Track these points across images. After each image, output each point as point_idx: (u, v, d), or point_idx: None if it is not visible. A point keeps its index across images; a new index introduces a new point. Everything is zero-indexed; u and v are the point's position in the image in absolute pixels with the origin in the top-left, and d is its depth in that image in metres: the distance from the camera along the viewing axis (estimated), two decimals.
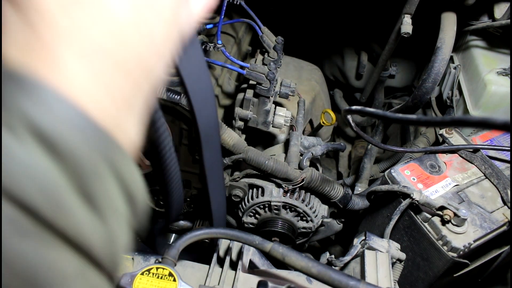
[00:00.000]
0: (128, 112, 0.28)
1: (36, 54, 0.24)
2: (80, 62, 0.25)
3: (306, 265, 0.73)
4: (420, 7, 1.25)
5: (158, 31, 0.29)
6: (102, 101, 0.26)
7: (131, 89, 0.27)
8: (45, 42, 0.24)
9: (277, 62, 1.10)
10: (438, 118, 0.56)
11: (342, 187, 1.14)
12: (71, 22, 0.24)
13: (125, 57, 0.27)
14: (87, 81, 0.25)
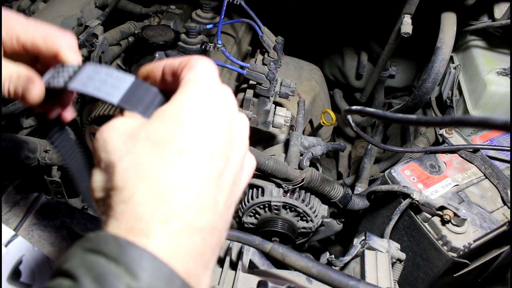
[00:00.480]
0: (206, 270, 0.36)
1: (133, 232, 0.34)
2: (173, 241, 0.34)
3: (306, 265, 0.73)
4: (420, 7, 1.25)
5: (224, 204, 0.38)
6: (190, 267, 0.34)
7: (209, 253, 0.36)
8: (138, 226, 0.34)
9: (277, 62, 1.10)
10: (438, 118, 0.55)
11: (342, 187, 1.14)
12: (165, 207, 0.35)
13: (209, 229, 0.36)
14: (179, 254, 0.34)
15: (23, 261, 0.69)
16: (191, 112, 0.38)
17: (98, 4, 1.35)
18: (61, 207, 0.90)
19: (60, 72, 0.54)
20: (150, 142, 0.37)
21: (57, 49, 0.52)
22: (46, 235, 0.85)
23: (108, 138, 0.39)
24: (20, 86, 0.51)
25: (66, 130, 0.67)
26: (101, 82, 0.49)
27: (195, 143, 0.37)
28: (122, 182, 0.36)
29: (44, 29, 0.52)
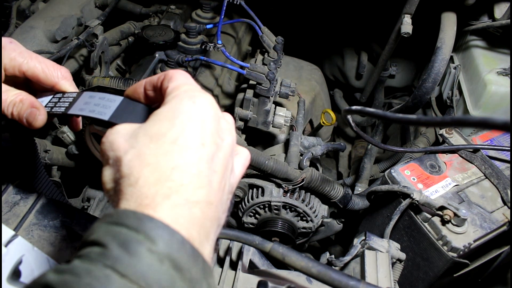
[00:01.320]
0: (207, 240, 0.43)
1: (140, 207, 0.41)
2: (175, 212, 0.41)
3: (306, 265, 0.73)
4: (420, 7, 1.25)
5: (218, 185, 0.45)
6: (193, 233, 0.41)
7: (208, 224, 0.43)
8: (145, 202, 0.41)
9: (277, 62, 1.10)
10: (438, 118, 0.55)
11: (342, 187, 1.14)
12: (168, 187, 0.42)
13: (205, 203, 0.43)
14: (181, 222, 0.41)
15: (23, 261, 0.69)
16: (181, 110, 0.46)
17: (98, 4, 1.35)
18: (61, 207, 0.90)
19: (61, 99, 0.64)
20: (148, 137, 0.44)
21: (55, 80, 0.64)
22: (46, 235, 0.85)
23: (113, 139, 0.47)
24: (24, 112, 0.61)
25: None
26: (95, 105, 0.58)
27: (186, 133, 0.44)
28: (129, 170, 0.43)
29: (43, 61, 0.63)
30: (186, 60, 1.14)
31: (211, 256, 0.44)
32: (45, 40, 1.16)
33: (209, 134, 0.46)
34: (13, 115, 0.61)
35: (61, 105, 0.63)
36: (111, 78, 1.02)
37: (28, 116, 0.61)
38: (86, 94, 0.62)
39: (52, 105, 0.65)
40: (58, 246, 0.83)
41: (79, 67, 1.22)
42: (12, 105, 0.61)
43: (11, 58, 0.62)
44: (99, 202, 1.32)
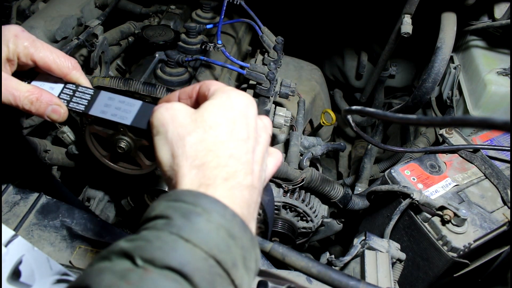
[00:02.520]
0: (251, 219, 0.49)
1: (203, 186, 0.47)
2: (231, 193, 0.48)
3: (306, 265, 0.73)
4: (420, 7, 1.25)
5: (258, 173, 0.52)
6: (243, 211, 0.48)
7: (253, 206, 0.50)
8: (207, 182, 0.47)
9: (277, 62, 1.10)
10: (438, 118, 0.56)
11: (342, 187, 1.14)
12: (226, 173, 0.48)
13: (251, 187, 0.50)
14: (236, 202, 0.47)
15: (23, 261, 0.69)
16: (231, 105, 0.52)
17: (98, 4, 1.35)
18: (61, 207, 0.90)
19: (76, 93, 0.67)
20: (208, 124, 0.50)
21: (66, 71, 0.66)
22: (46, 235, 0.85)
23: (175, 115, 0.52)
24: (44, 109, 0.64)
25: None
26: (116, 109, 0.63)
27: (237, 127, 0.51)
28: (194, 153, 0.49)
29: (54, 51, 0.65)
30: (186, 60, 1.14)
31: (255, 233, 0.50)
32: (45, 40, 1.16)
33: (252, 129, 0.53)
34: (29, 111, 0.63)
35: (79, 101, 0.67)
36: (111, 78, 1.02)
37: (51, 114, 0.64)
38: (105, 94, 0.65)
39: (67, 98, 0.67)
40: (58, 246, 0.84)
41: None
42: (29, 103, 0.63)
43: (25, 47, 0.63)
44: (99, 202, 1.32)
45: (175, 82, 1.15)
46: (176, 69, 1.16)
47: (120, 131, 1.03)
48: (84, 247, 0.84)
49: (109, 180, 1.28)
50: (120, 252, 0.42)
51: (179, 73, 1.16)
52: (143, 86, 0.99)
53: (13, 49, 0.63)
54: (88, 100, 0.66)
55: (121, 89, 1.00)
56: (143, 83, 1.00)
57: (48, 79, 0.69)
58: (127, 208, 1.30)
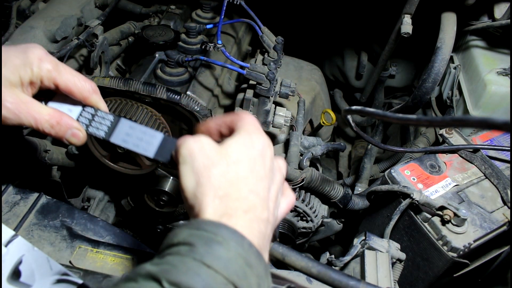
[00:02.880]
0: (265, 250, 0.53)
1: (225, 216, 0.51)
2: (250, 224, 0.52)
3: (306, 265, 0.73)
4: (420, 7, 1.25)
5: (273, 210, 0.57)
6: (259, 242, 0.52)
7: (267, 238, 0.54)
8: (230, 212, 0.52)
9: (277, 62, 1.10)
10: (438, 118, 0.56)
11: (342, 187, 1.14)
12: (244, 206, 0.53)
13: (266, 221, 0.54)
14: (254, 233, 0.52)
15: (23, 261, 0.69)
16: (251, 145, 0.57)
17: (98, 4, 1.35)
18: (61, 207, 0.90)
19: (95, 118, 0.68)
20: (232, 160, 0.55)
21: (87, 94, 0.67)
22: (46, 235, 0.85)
23: (203, 147, 0.56)
24: (63, 133, 0.66)
25: None
26: (138, 139, 0.65)
27: (256, 165, 0.56)
28: (218, 184, 0.53)
29: (76, 75, 0.67)
30: (186, 60, 1.14)
31: (267, 261, 0.54)
32: (45, 40, 1.16)
33: (268, 169, 0.57)
34: (49, 134, 0.66)
35: (99, 127, 0.68)
36: (111, 78, 1.02)
37: (70, 138, 0.66)
38: (125, 122, 0.67)
39: (86, 122, 0.69)
40: (58, 246, 0.84)
41: (79, 67, 1.22)
42: (49, 126, 0.65)
43: (48, 70, 0.64)
44: (99, 202, 1.32)
45: (175, 82, 1.15)
46: (176, 69, 1.16)
47: None
48: (84, 247, 0.84)
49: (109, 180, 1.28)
50: (147, 275, 0.45)
51: (179, 73, 1.16)
52: (143, 86, 0.99)
53: (37, 72, 0.64)
54: (108, 127, 0.68)
55: (121, 89, 1.00)
56: (143, 83, 1.00)
57: (65, 101, 0.70)
58: (127, 208, 1.30)
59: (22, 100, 0.63)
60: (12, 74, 0.62)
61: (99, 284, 0.75)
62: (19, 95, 0.63)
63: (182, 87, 1.15)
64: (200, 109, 1.01)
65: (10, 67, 0.62)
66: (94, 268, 0.79)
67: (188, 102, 1.00)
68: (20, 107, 0.62)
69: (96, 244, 0.85)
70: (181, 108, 1.01)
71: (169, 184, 1.17)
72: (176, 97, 0.99)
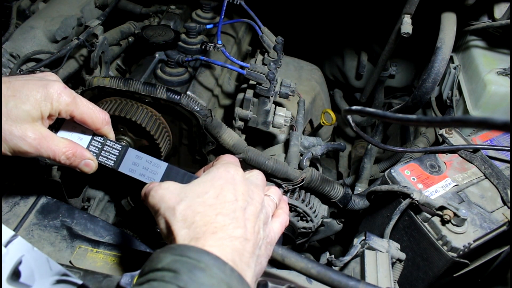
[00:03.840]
0: (248, 268, 0.55)
1: (193, 240, 0.55)
2: (220, 243, 0.55)
3: (305, 266, 0.73)
4: (420, 7, 1.25)
5: (252, 229, 0.59)
6: (235, 258, 0.54)
7: (247, 255, 0.56)
8: (197, 236, 0.55)
9: (277, 62, 1.10)
10: (438, 118, 0.55)
11: (342, 187, 1.14)
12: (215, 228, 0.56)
13: (242, 239, 0.56)
14: (226, 251, 0.54)
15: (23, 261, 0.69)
16: (218, 176, 0.63)
17: (98, 4, 1.35)
18: (61, 207, 0.90)
19: (104, 146, 0.74)
20: (196, 194, 0.60)
21: (100, 126, 0.73)
22: (46, 235, 0.85)
23: (163, 194, 0.61)
24: (77, 163, 0.71)
25: None
26: (144, 169, 0.71)
27: (224, 192, 0.60)
28: (183, 217, 0.58)
29: (91, 107, 0.71)
30: (186, 60, 1.14)
31: (253, 281, 0.56)
32: (45, 40, 1.17)
33: (240, 193, 0.61)
34: (64, 164, 0.71)
35: (108, 156, 0.74)
36: (111, 78, 1.02)
37: (83, 167, 0.72)
38: (132, 152, 0.73)
39: (96, 151, 0.74)
40: (58, 246, 0.84)
41: (79, 67, 1.22)
42: (65, 158, 0.70)
43: (67, 104, 0.69)
44: (99, 202, 1.32)
45: (175, 82, 1.15)
46: (176, 69, 1.16)
47: (120, 131, 1.03)
48: (84, 247, 0.84)
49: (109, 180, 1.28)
50: None
51: (179, 73, 1.16)
52: (143, 86, 0.99)
53: (56, 106, 0.68)
54: (116, 156, 0.74)
55: (121, 89, 1.00)
56: (143, 83, 1.00)
57: (74, 129, 0.74)
58: (127, 208, 1.30)
59: (43, 135, 0.67)
60: (34, 109, 0.65)
61: (99, 284, 0.75)
62: (41, 130, 0.67)
63: (182, 87, 1.15)
64: (200, 109, 1.01)
65: (32, 102, 0.65)
66: (94, 268, 0.79)
67: (188, 102, 1.00)
68: (41, 142, 0.67)
69: (96, 244, 0.85)
70: (181, 108, 1.01)
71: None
72: (176, 97, 0.99)
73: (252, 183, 0.66)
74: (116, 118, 0.99)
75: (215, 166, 0.66)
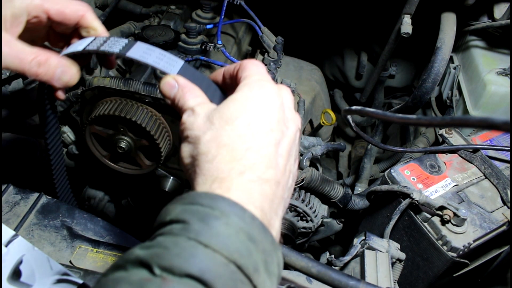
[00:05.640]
0: (276, 216, 0.48)
1: (217, 181, 0.46)
2: (249, 187, 0.46)
3: (306, 265, 0.73)
4: (420, 7, 1.25)
5: (284, 167, 0.50)
6: (264, 206, 0.46)
7: (277, 201, 0.48)
8: (221, 176, 0.46)
9: (277, 62, 1.10)
10: (438, 118, 0.56)
11: (342, 187, 1.14)
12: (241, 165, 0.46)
13: (273, 182, 0.47)
14: (255, 197, 0.45)
15: (24, 261, 0.69)
16: (252, 97, 0.50)
17: (98, 4, 1.35)
18: (61, 207, 0.90)
19: (107, 42, 0.60)
20: (224, 120, 0.49)
21: (81, 12, 0.61)
22: (46, 235, 0.85)
23: (193, 120, 0.51)
24: (52, 71, 0.59)
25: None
26: (157, 58, 0.57)
27: (257, 119, 0.49)
28: (207, 149, 0.48)
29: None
30: (186, 60, 1.14)
31: (279, 231, 0.48)
32: None
33: (276, 121, 0.50)
34: (37, 75, 0.58)
35: (112, 46, 0.59)
36: (111, 78, 1.02)
37: (61, 76, 0.60)
38: (142, 44, 0.59)
39: (95, 47, 0.60)
40: (58, 246, 0.84)
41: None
42: (36, 65, 0.58)
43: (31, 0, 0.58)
44: (99, 202, 1.32)
45: None
46: None
47: (120, 131, 1.03)
48: (84, 247, 0.84)
49: (109, 180, 1.28)
50: (136, 261, 0.39)
51: None
52: (143, 86, 0.99)
53: (20, 4, 0.57)
54: (123, 46, 0.59)
55: (121, 89, 1.00)
56: (143, 83, 1.00)
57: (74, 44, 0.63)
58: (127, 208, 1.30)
59: (5, 40, 0.55)
60: None
61: None
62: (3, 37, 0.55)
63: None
64: None
65: None
66: (95, 268, 0.80)
67: None
68: (4, 50, 0.55)
69: (96, 244, 0.85)
70: None
71: (169, 184, 1.17)
72: None
73: (287, 106, 0.54)
74: (116, 118, 0.99)
75: (247, 83, 0.53)
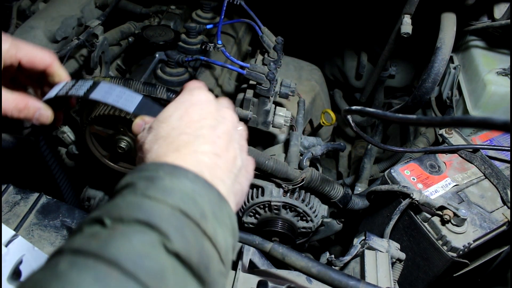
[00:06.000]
0: (221, 181, 0.51)
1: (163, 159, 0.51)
2: (186, 158, 0.50)
3: (306, 265, 0.73)
4: (420, 7, 1.25)
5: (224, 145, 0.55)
6: (204, 171, 0.50)
7: (219, 171, 0.52)
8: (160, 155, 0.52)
9: (277, 62, 1.10)
10: (438, 118, 0.56)
11: (342, 187, 1.14)
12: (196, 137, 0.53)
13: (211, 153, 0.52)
14: (193, 164, 0.50)
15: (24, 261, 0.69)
16: (182, 100, 0.59)
17: (98, 4, 1.35)
18: (61, 207, 0.90)
19: (74, 86, 0.68)
20: (159, 121, 0.57)
21: (49, 61, 0.68)
22: (46, 235, 0.85)
23: (141, 134, 0.60)
24: (31, 114, 0.68)
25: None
26: (117, 97, 0.65)
27: (188, 113, 0.56)
28: (149, 146, 0.55)
29: (32, 45, 0.67)
30: (186, 60, 1.14)
31: (230, 198, 0.51)
32: (45, 40, 1.17)
33: (207, 112, 0.57)
34: (19, 118, 0.67)
35: (78, 89, 0.67)
36: (111, 78, 1.02)
37: (39, 117, 0.69)
38: (106, 84, 0.67)
39: (65, 90, 0.68)
40: (58, 246, 0.84)
41: (79, 67, 1.22)
42: (17, 111, 0.66)
43: (7, 50, 0.65)
44: (99, 202, 1.32)
45: (175, 82, 1.15)
46: (176, 69, 1.16)
47: (120, 131, 1.03)
48: None
49: (109, 180, 1.28)
50: (90, 221, 0.42)
51: (179, 73, 1.16)
52: (143, 86, 0.99)
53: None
54: (88, 88, 0.67)
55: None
56: (143, 83, 1.00)
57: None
58: None
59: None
60: None
61: None
62: None
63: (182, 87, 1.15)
64: None
65: None
66: None
67: None
68: None
69: None
70: None
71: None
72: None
73: (221, 104, 0.61)
74: (116, 118, 0.99)
75: (181, 94, 0.61)
